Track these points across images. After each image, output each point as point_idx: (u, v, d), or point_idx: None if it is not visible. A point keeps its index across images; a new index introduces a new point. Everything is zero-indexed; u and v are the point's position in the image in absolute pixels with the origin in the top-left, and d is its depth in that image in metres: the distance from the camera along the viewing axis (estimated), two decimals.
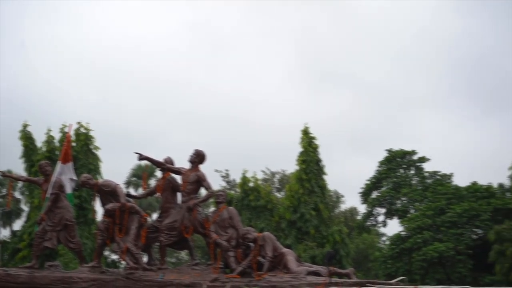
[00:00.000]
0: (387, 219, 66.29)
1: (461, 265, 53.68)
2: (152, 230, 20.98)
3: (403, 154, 65.96)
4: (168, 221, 20.60)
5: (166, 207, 21.05)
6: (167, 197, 21.10)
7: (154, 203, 52.63)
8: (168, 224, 20.54)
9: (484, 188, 58.96)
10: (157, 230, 20.87)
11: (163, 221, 20.78)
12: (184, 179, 20.74)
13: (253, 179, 41.24)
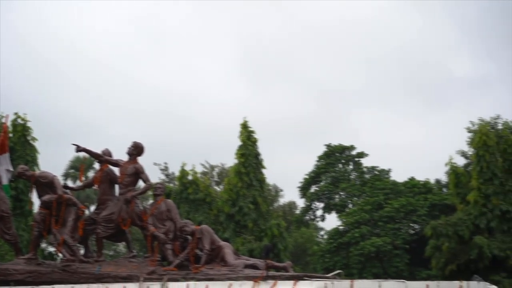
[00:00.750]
0: (325, 213, 66.69)
1: (398, 259, 54.30)
2: (89, 222, 20.81)
3: (342, 149, 66.38)
4: (105, 213, 20.44)
5: (103, 199, 20.88)
6: (104, 189, 20.93)
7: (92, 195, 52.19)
8: (106, 216, 20.38)
9: (421, 183, 59.67)
10: (94, 222, 20.69)
11: (100, 213, 20.61)
12: (122, 171, 20.60)
13: (192, 172, 41.13)
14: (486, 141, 39.89)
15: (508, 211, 38.75)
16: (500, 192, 39.22)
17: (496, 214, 38.76)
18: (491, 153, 39.69)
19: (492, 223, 38.73)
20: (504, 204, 38.87)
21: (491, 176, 39.33)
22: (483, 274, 34.25)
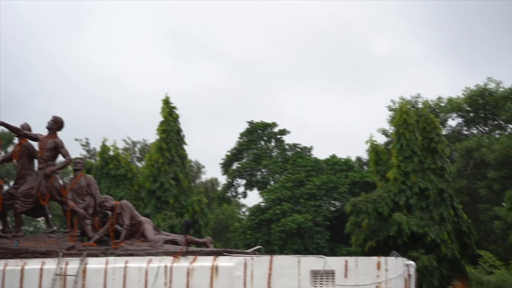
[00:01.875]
0: (247, 190, 66.89)
1: (319, 236, 54.81)
2: (7, 197, 20.46)
3: (264, 126, 66.54)
4: (24, 188, 20.14)
5: (22, 174, 20.56)
6: (23, 164, 20.61)
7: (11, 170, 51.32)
8: (24, 191, 20.08)
9: (342, 161, 60.28)
10: (12, 197, 20.36)
11: (19, 188, 20.30)
12: (41, 146, 20.31)
13: (113, 148, 40.77)
14: (406, 120, 40.41)
15: (427, 188, 39.38)
16: (419, 170, 39.81)
17: (415, 191, 39.35)
18: (411, 131, 40.24)
19: (411, 200, 39.32)
20: (422, 182, 39.48)
21: (411, 154, 39.88)
22: (402, 250, 34.82)
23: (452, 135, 67.96)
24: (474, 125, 70.49)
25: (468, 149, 61.80)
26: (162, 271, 16.31)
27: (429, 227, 38.38)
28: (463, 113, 68.76)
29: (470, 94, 67.16)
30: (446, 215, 39.27)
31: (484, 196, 60.38)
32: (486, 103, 67.50)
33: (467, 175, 62.86)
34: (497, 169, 59.60)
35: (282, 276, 15.52)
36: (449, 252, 38.48)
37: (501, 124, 70.48)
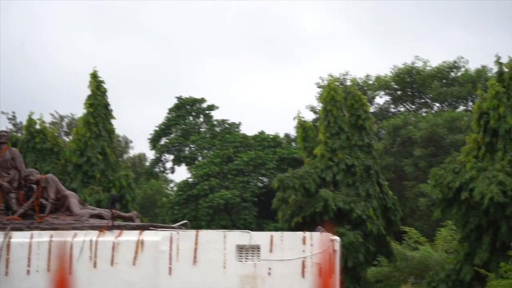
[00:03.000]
0: (175, 165, 66.85)
1: (246, 212, 55.10)
2: None
3: (192, 101, 66.43)
4: None
5: None
6: None
7: None
8: None
9: (270, 137, 60.58)
10: None
11: None
12: None
13: (40, 122, 40.21)
14: (334, 96, 40.63)
15: (353, 165, 39.74)
16: (346, 147, 40.13)
17: (342, 167, 39.67)
18: (338, 108, 40.49)
19: (337, 177, 39.64)
20: (349, 158, 39.82)
21: (338, 131, 40.15)
22: (328, 226, 35.12)
23: (380, 113, 68.82)
24: (401, 103, 71.49)
25: (395, 126, 62.69)
26: (88, 245, 16.22)
27: (355, 203, 38.77)
28: (391, 91, 69.67)
29: (398, 72, 68.05)
30: (372, 192, 39.72)
31: (410, 173, 61.36)
32: (413, 82, 68.50)
33: (394, 152, 63.82)
34: (423, 146, 60.63)
35: (208, 251, 15.58)
36: (374, 228, 38.96)
37: (428, 102, 71.63)
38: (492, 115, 35.89)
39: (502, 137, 35.63)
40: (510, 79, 36.92)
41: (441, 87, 67.89)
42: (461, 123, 59.06)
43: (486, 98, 36.70)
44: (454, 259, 37.08)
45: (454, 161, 37.08)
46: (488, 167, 35.39)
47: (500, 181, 34.07)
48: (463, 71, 68.54)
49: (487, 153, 36.22)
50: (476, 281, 35.14)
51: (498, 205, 33.90)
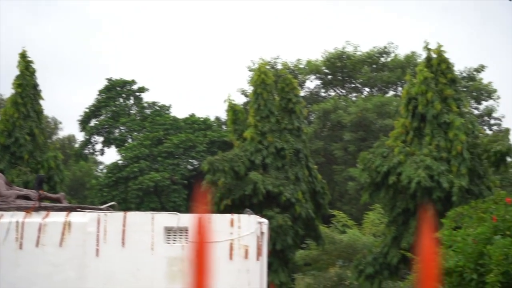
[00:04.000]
0: (104, 147, 66.33)
1: (176, 194, 54.98)
2: None
3: (123, 83, 65.94)
4: None
5: None
6: None
7: None
8: None
9: (201, 120, 60.48)
10: None
11: None
12: None
13: None
14: (264, 80, 40.74)
15: (283, 148, 39.93)
16: (275, 130, 40.30)
17: (271, 151, 39.84)
18: (268, 92, 40.62)
19: (267, 160, 39.80)
20: (279, 142, 40.00)
21: (268, 114, 40.30)
22: (257, 209, 35.27)
23: (310, 97, 69.17)
24: (331, 87, 71.96)
25: (325, 111, 63.10)
26: (14, 226, 16.01)
27: (284, 186, 39.00)
28: (321, 75, 70.04)
29: (329, 57, 68.40)
30: (301, 175, 40.00)
31: (339, 158, 61.89)
32: (344, 66, 68.99)
33: (324, 136, 64.27)
34: (352, 131, 61.16)
35: (136, 233, 15.50)
36: (303, 212, 39.25)
37: (358, 87, 72.23)
38: (421, 100, 36.36)
39: (430, 122, 36.14)
40: (438, 65, 37.43)
41: (371, 72, 68.57)
42: (390, 108, 59.74)
43: (415, 84, 37.16)
44: (382, 242, 37.55)
45: (382, 146, 37.49)
46: (416, 152, 35.88)
47: (427, 166, 34.59)
48: (393, 57, 69.30)
49: (415, 138, 36.70)
50: (403, 264, 35.63)
51: (425, 189, 34.43)
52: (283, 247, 38.22)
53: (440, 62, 37.44)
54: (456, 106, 36.63)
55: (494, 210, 12.69)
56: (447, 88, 36.88)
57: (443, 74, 37.25)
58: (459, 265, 12.08)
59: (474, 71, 68.82)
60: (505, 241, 11.62)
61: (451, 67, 37.93)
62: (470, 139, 36.24)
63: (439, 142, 35.71)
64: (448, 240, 12.85)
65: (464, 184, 34.51)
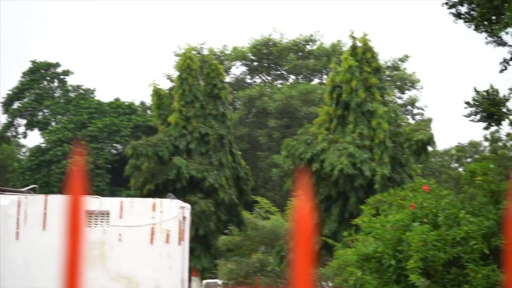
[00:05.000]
0: (28, 130, 65.41)
1: (99, 179, 54.49)
2: None
3: (47, 65, 65.07)
4: None
5: None
6: None
7: None
8: None
9: (126, 104, 60.03)
10: None
11: None
12: None
13: None
14: (190, 65, 40.65)
15: (207, 133, 39.94)
16: (200, 115, 40.27)
17: (195, 136, 39.83)
18: (194, 77, 40.54)
19: (191, 145, 39.77)
20: (203, 127, 40.00)
21: (193, 99, 40.24)
22: (180, 194, 35.21)
23: (236, 83, 69.21)
24: (257, 74, 72.10)
25: (250, 97, 63.24)
26: None
27: (208, 172, 39.03)
28: (247, 61, 70.07)
29: (255, 43, 68.49)
30: (225, 161, 40.08)
31: (264, 144, 62.13)
32: (270, 53, 69.14)
33: (249, 122, 64.40)
34: (277, 118, 61.45)
35: (57, 216, 15.34)
36: (226, 197, 39.35)
37: (284, 74, 72.51)
38: (345, 88, 36.68)
39: (354, 110, 36.50)
40: (363, 53, 37.79)
41: (297, 59, 68.92)
42: (315, 96, 60.07)
43: (339, 72, 37.46)
44: None
45: (306, 133, 37.75)
46: (339, 139, 36.22)
47: (350, 153, 34.95)
48: (319, 45, 69.75)
49: (339, 126, 37.03)
50: (325, 250, 35.96)
51: (348, 177, 34.80)
52: (206, 232, 38.27)
53: (365, 51, 37.81)
54: (380, 95, 37.07)
55: (412, 198, 12.89)
56: (372, 77, 37.28)
57: (368, 63, 37.64)
58: (378, 251, 12.24)
59: (398, 60, 69.72)
60: (423, 228, 11.82)
61: (375, 56, 38.36)
62: (393, 127, 36.70)
63: (362, 130, 36.11)
64: (368, 226, 13.03)
65: (386, 172, 34.98)
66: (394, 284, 12.09)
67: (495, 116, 25.81)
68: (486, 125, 25.91)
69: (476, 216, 12.05)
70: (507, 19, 18.46)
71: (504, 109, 26.22)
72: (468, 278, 11.61)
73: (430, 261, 11.57)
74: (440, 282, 11.76)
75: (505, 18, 18.56)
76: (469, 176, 12.99)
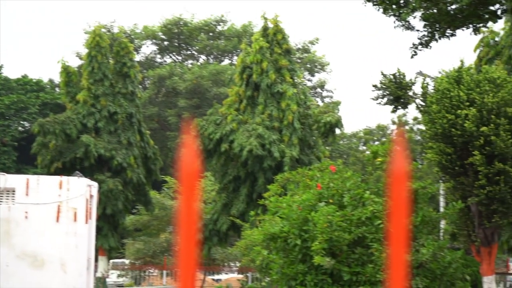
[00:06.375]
0: None
1: (6, 156, 53.61)
2: None
3: None
4: None
5: None
6: None
7: None
8: None
9: (34, 81, 59.07)
10: None
11: None
12: None
13: None
14: (99, 43, 40.25)
15: (116, 112, 39.68)
16: (109, 94, 39.96)
17: (104, 114, 39.53)
18: (103, 55, 40.17)
19: (99, 123, 39.46)
20: (112, 106, 39.72)
21: (102, 77, 39.89)
22: (88, 172, 34.92)
23: (146, 62, 68.82)
24: (167, 53, 71.78)
25: (160, 76, 62.98)
26: None
27: (116, 151, 38.79)
28: (158, 41, 69.71)
29: (166, 23, 68.14)
30: (134, 140, 39.89)
31: (173, 124, 61.96)
32: (181, 33, 68.88)
33: (158, 102, 64.15)
34: (187, 98, 61.34)
35: None
36: (134, 177, 39.20)
37: (194, 54, 72.36)
38: (255, 69, 36.76)
39: (264, 91, 36.63)
40: (274, 35, 37.91)
41: (208, 40, 68.80)
42: (225, 77, 60.17)
43: (250, 53, 37.51)
44: (212, 209, 37.89)
45: (216, 113, 37.75)
46: (249, 120, 36.34)
47: (259, 134, 35.11)
48: (230, 26, 69.76)
49: (248, 107, 37.12)
50: (232, 230, 36.14)
51: (256, 158, 34.96)
52: (113, 211, 38.08)
53: (276, 33, 37.93)
54: (289, 77, 37.29)
55: (319, 178, 13.05)
56: (282, 58, 37.45)
57: (279, 44, 37.79)
58: (284, 231, 12.36)
59: (308, 43, 70.22)
60: (329, 208, 11.96)
61: (286, 38, 38.52)
62: (302, 109, 36.99)
63: (272, 111, 36.29)
64: (274, 206, 13.13)
65: (294, 153, 35.26)
66: (300, 263, 12.24)
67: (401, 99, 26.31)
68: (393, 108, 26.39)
69: (380, 197, 12.27)
70: (414, 3, 18.74)
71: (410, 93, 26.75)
72: (372, 257, 11.83)
73: (335, 241, 11.74)
74: (345, 261, 11.95)
75: (413, 2, 18.83)
76: (371, 157, 13.23)
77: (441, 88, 22.34)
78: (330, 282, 11.92)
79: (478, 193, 21.54)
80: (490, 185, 21.34)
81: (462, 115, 21.44)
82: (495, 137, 21.28)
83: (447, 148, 21.84)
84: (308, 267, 12.12)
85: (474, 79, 22.37)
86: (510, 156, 21.61)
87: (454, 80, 22.29)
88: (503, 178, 21.47)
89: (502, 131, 21.37)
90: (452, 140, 21.76)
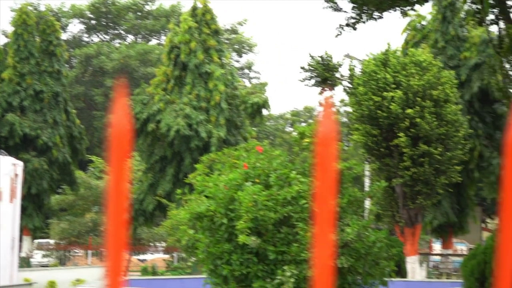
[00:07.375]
0: None
1: None
2: None
3: None
4: None
5: None
6: None
7: None
8: None
9: None
10: None
11: None
12: None
13: None
14: (26, 20, 39.73)
15: (42, 91, 39.25)
16: (35, 72, 39.50)
17: (30, 93, 39.08)
18: (29, 33, 39.66)
19: (25, 102, 39.00)
20: (38, 84, 39.28)
21: (28, 56, 39.40)
22: (13, 151, 34.46)
23: (73, 41, 68.06)
24: (95, 32, 71.08)
25: (87, 55, 62.39)
26: None
27: (42, 130, 38.39)
28: (85, 20, 68.98)
29: (93, 1, 67.44)
30: (60, 119, 39.52)
31: (100, 103, 61.50)
32: (108, 12, 68.25)
33: (85, 81, 63.57)
34: (114, 77, 60.85)
35: None
36: (60, 156, 38.86)
37: (122, 33, 71.80)
38: (183, 49, 36.70)
39: (192, 71, 36.61)
40: (203, 14, 37.88)
41: (136, 19, 68.32)
42: (153, 56, 59.93)
43: (178, 32, 37.43)
44: (138, 189, 37.80)
45: (143, 93, 37.62)
46: (176, 100, 36.29)
47: (187, 115, 35.12)
48: (158, 5, 69.37)
49: (176, 87, 37.06)
50: (158, 210, 36.12)
51: (183, 138, 34.96)
52: (38, 191, 37.72)
53: (205, 13, 37.92)
54: (217, 57, 37.33)
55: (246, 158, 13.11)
56: (210, 38, 37.46)
57: (207, 24, 37.78)
58: (210, 209, 12.39)
59: (237, 24, 70.25)
60: (255, 188, 12.03)
61: (215, 18, 38.54)
62: (229, 90, 37.07)
63: (199, 91, 36.30)
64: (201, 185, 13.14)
65: (222, 134, 35.36)
66: (226, 243, 12.29)
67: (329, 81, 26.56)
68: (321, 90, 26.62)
69: (306, 177, 12.38)
70: None
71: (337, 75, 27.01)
72: (297, 236, 11.93)
73: (260, 221, 11.81)
74: (270, 241, 12.04)
75: None
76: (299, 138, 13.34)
77: (368, 71, 22.66)
78: (256, 261, 12.00)
79: (402, 174, 21.98)
80: (415, 166, 21.79)
81: (388, 97, 21.83)
82: (420, 119, 21.72)
83: (373, 130, 22.20)
84: (234, 247, 12.17)
85: (401, 62, 22.76)
86: (435, 138, 22.09)
87: (381, 63, 22.64)
88: (427, 160, 21.95)
89: (427, 113, 21.82)
90: (378, 122, 22.12)
